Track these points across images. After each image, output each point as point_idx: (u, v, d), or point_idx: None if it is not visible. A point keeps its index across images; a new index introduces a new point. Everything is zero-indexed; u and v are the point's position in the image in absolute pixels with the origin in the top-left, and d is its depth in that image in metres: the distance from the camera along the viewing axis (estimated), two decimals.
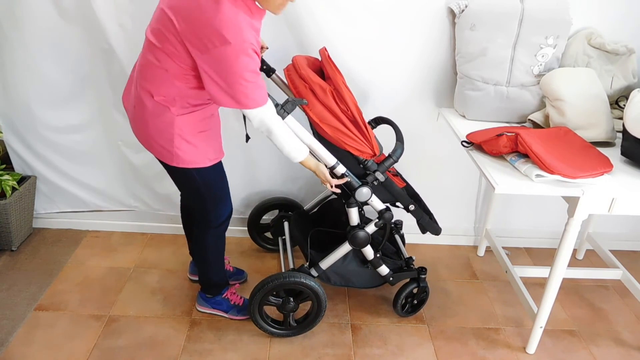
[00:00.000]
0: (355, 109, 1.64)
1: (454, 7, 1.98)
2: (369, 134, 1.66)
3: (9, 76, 2.14)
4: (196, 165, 1.66)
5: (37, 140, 2.30)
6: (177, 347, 1.90)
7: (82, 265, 2.31)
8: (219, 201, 1.80)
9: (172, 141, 1.60)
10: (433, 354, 1.95)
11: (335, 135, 1.66)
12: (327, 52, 1.82)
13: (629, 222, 2.61)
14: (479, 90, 2.01)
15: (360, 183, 1.75)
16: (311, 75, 1.66)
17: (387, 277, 1.99)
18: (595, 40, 2.01)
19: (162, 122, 1.58)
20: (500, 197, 2.44)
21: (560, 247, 1.71)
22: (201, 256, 1.93)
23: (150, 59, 1.52)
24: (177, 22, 1.43)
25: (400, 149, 1.74)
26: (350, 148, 1.68)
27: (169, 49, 1.48)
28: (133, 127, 1.68)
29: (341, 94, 1.63)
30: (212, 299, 2.04)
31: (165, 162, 1.66)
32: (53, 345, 1.87)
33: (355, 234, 1.85)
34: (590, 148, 1.72)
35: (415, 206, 1.85)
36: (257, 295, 1.85)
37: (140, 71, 1.58)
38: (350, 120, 1.65)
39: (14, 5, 1.98)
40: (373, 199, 1.80)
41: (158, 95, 1.55)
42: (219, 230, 1.86)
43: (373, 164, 1.73)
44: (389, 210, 1.85)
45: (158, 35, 1.49)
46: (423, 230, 1.94)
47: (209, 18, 1.39)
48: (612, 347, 2.04)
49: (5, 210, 2.24)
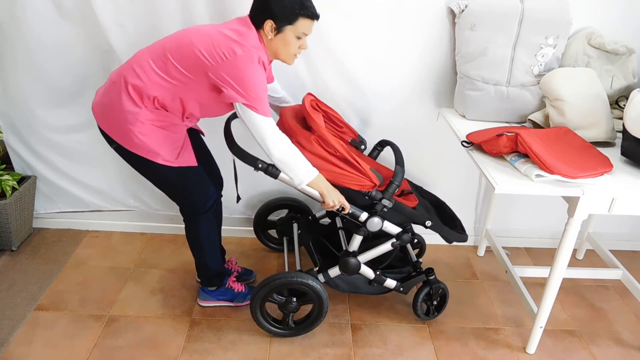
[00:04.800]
0: (343, 149, 1.69)
1: (454, 7, 1.98)
2: (363, 167, 1.70)
3: (9, 76, 2.14)
4: (146, 154, 1.67)
5: (37, 140, 2.30)
6: (177, 347, 1.90)
7: (82, 265, 2.31)
8: (191, 196, 1.83)
9: (130, 123, 1.63)
10: (433, 354, 1.95)
11: (332, 177, 1.71)
12: (312, 97, 1.90)
13: (629, 222, 2.61)
14: (479, 90, 2.01)
15: (369, 214, 1.78)
16: (294, 128, 1.75)
17: (396, 289, 2.00)
18: (595, 40, 2.01)
19: (129, 111, 1.63)
20: (500, 197, 2.44)
21: (560, 247, 1.71)
22: (196, 245, 1.95)
23: (157, 71, 1.61)
24: (205, 59, 1.56)
25: (401, 173, 1.76)
26: (351, 185, 1.72)
27: (187, 70, 1.59)
28: (98, 106, 1.71)
29: (326, 140, 1.69)
30: (215, 290, 2.05)
31: (116, 140, 1.69)
32: (53, 345, 1.87)
33: (346, 260, 1.88)
34: (590, 148, 1.72)
35: (432, 222, 1.85)
36: (262, 290, 1.84)
37: (135, 70, 1.62)
38: (341, 160, 1.71)
39: (14, 5, 1.98)
40: (386, 225, 1.83)
41: (139, 94, 1.62)
42: (209, 215, 1.88)
43: (377, 193, 1.76)
44: (407, 232, 1.87)
45: (181, 61, 1.59)
46: (448, 240, 1.94)
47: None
48: (612, 347, 2.04)
49: (5, 210, 2.24)
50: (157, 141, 1.67)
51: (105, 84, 1.71)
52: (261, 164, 1.70)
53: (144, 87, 1.61)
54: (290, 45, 1.67)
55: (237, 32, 1.60)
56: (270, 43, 1.66)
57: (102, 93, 1.70)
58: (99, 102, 1.70)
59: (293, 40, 1.65)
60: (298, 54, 1.72)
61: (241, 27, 1.62)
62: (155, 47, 1.65)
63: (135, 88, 1.61)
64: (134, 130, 1.63)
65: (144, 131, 1.64)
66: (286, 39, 1.65)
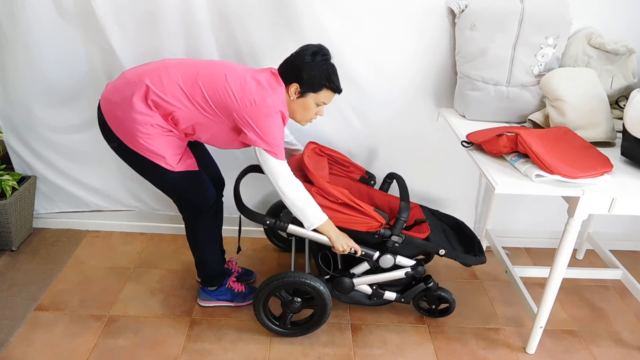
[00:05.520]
0: (344, 195, 1.75)
1: (454, 7, 1.98)
2: (366, 209, 1.75)
3: (9, 76, 2.14)
4: (151, 156, 1.68)
5: (37, 140, 2.30)
6: (177, 347, 1.90)
7: (82, 265, 2.31)
8: (191, 198, 1.84)
9: (139, 124, 1.64)
10: (433, 354, 1.95)
11: (338, 223, 1.78)
12: (314, 144, 2.00)
13: (629, 222, 2.61)
14: (479, 90, 2.01)
15: (380, 252, 1.83)
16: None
17: (397, 300, 2.00)
18: (595, 40, 2.01)
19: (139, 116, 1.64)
20: (500, 197, 2.44)
21: (560, 247, 1.71)
22: (196, 245, 1.96)
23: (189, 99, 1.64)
24: (234, 99, 1.62)
25: (407, 209, 1.79)
26: (358, 227, 1.78)
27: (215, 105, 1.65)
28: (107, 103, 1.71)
29: (325, 190, 1.76)
30: (216, 290, 2.06)
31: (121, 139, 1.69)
32: (53, 345, 1.87)
33: (340, 280, 1.90)
34: (590, 148, 1.72)
35: (445, 249, 1.87)
36: (270, 285, 1.85)
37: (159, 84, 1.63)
38: (343, 205, 1.77)
39: (14, 5, 1.98)
40: (399, 259, 1.86)
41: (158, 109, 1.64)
42: (209, 215, 1.89)
43: (386, 230, 1.79)
44: (422, 265, 1.91)
45: (211, 92, 1.63)
46: (466, 265, 1.95)
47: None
48: (612, 347, 2.04)
49: (5, 210, 2.24)
50: (161, 145, 1.68)
51: (118, 82, 1.71)
52: (269, 221, 1.80)
53: (165, 98, 1.62)
54: (309, 111, 1.75)
55: (269, 84, 1.68)
56: (291, 103, 1.73)
57: (113, 91, 1.70)
58: (109, 99, 1.69)
59: (313, 106, 1.74)
60: (314, 118, 1.79)
61: (273, 80, 1.70)
62: (187, 67, 1.67)
63: (155, 95, 1.61)
64: (142, 130, 1.64)
65: (151, 134, 1.65)
66: (307, 104, 1.73)
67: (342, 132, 2.27)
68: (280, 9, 1.97)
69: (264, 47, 2.05)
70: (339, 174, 2.12)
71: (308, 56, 1.67)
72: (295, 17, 1.98)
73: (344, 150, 2.29)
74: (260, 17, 1.99)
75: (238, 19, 1.99)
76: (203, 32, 2.02)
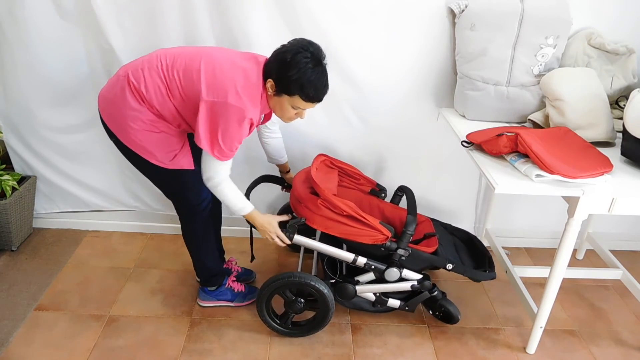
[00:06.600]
0: (350, 208, 1.75)
1: (454, 7, 1.98)
2: (372, 222, 1.75)
3: (9, 76, 2.14)
4: (141, 152, 1.67)
5: (37, 140, 2.30)
6: (177, 347, 1.90)
7: (82, 265, 2.31)
8: (182, 195, 1.83)
9: (130, 120, 1.63)
10: (433, 354, 1.95)
11: (344, 235, 1.78)
12: (324, 156, 2.01)
13: (629, 222, 2.61)
14: (479, 90, 2.01)
15: (387, 265, 1.82)
16: (303, 194, 1.84)
17: (401, 308, 1.99)
18: (595, 40, 2.01)
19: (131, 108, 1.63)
20: (500, 197, 2.44)
21: (560, 247, 1.71)
22: (192, 244, 1.96)
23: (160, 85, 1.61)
24: (203, 90, 1.55)
25: (413, 223, 1.78)
26: (364, 239, 1.77)
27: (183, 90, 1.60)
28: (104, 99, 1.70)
29: (331, 202, 1.75)
30: (215, 290, 2.06)
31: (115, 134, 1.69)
32: (53, 345, 1.87)
33: (343, 285, 1.89)
34: (590, 148, 1.72)
35: (453, 264, 1.86)
36: (275, 283, 1.84)
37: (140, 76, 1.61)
38: (349, 217, 1.76)
39: (14, 5, 1.98)
40: (406, 273, 1.86)
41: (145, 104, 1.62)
42: (203, 215, 1.88)
43: (392, 243, 1.79)
44: (428, 279, 1.90)
45: (184, 81, 1.58)
46: (475, 280, 1.94)
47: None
48: (612, 347, 2.04)
49: (5, 210, 2.24)
50: (153, 142, 1.67)
51: (113, 77, 1.70)
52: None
53: (146, 90, 1.60)
54: (285, 111, 1.66)
55: (245, 75, 1.58)
56: (270, 99, 1.66)
57: (107, 87, 1.70)
58: (104, 95, 1.69)
59: (289, 108, 1.64)
60: (294, 119, 1.71)
61: (253, 71, 1.60)
62: (171, 56, 1.63)
63: (136, 87, 1.61)
64: (133, 126, 1.63)
65: (143, 129, 1.64)
66: (282, 104, 1.64)
67: (342, 132, 2.27)
68: (282, 14, 1.98)
69: (264, 52, 2.04)
70: (349, 186, 2.12)
71: (289, 54, 1.55)
72: (295, 17, 1.98)
73: (344, 150, 2.29)
74: (263, 22, 1.99)
75: (239, 21, 1.99)
76: (203, 32, 2.02)
